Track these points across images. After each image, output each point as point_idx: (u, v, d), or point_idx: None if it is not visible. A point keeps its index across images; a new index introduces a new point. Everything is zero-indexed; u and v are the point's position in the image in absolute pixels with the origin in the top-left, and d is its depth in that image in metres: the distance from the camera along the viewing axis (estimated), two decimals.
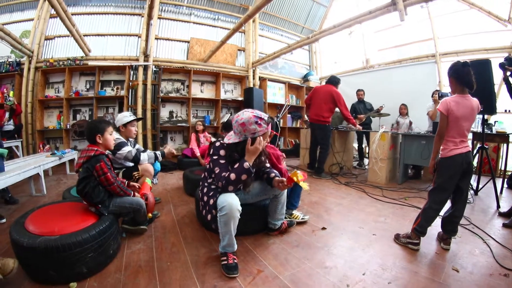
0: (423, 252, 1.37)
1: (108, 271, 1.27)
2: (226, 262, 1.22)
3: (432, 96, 3.23)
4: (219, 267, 1.24)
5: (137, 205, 1.49)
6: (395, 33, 5.01)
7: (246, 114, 1.24)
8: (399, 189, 2.62)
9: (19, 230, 1.26)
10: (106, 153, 1.43)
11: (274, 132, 1.79)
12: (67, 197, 2.04)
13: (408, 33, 4.78)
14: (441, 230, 1.48)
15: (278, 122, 4.18)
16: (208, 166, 1.42)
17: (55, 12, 4.36)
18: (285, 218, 1.66)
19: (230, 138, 1.30)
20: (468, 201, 1.79)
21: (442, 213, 1.44)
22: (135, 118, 1.98)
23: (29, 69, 4.41)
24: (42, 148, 4.15)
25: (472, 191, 2.36)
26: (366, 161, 4.07)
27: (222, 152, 1.31)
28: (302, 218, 1.75)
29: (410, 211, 1.98)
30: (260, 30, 5.45)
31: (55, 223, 1.29)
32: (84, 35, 4.24)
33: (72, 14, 3.90)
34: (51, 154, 3.49)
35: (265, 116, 1.26)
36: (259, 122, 1.22)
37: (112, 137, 1.50)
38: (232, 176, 1.19)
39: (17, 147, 3.91)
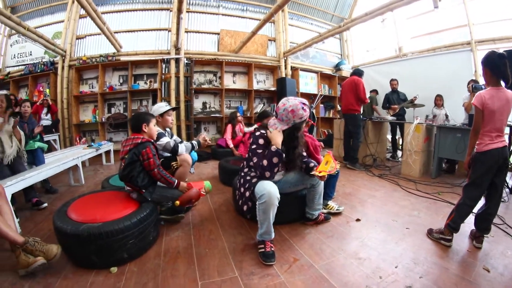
0: (455, 248, 1.50)
1: (147, 257, 1.52)
2: (263, 249, 1.43)
3: (467, 86, 3.50)
4: (256, 255, 1.46)
5: (178, 197, 1.76)
6: (428, 19, 5.35)
7: (292, 101, 1.51)
8: (433, 183, 2.85)
9: (62, 218, 1.53)
10: (152, 141, 1.72)
11: (312, 122, 2.16)
12: (106, 187, 2.41)
13: (441, 19, 5.11)
14: (474, 228, 1.60)
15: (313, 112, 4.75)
16: (247, 155, 1.67)
17: (84, 13, 5.38)
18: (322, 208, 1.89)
19: (276, 127, 1.53)
20: (502, 200, 1.90)
21: (475, 210, 1.57)
22: (171, 107, 2.27)
23: (63, 67, 5.36)
24: (78, 141, 5.00)
25: (507, 189, 2.45)
26: (399, 153, 4.45)
27: (261, 141, 1.53)
28: (337, 209, 1.99)
29: (443, 206, 2.15)
30: (290, 19, 6.15)
31: (96, 211, 1.55)
32: (114, 32, 5.10)
33: (102, 13, 4.70)
34: (87, 146, 4.27)
35: (306, 101, 1.54)
36: (304, 107, 1.51)
37: (155, 128, 1.84)
38: (265, 162, 1.43)
39: (54, 140, 4.76)
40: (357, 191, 2.58)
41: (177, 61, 5.20)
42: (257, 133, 1.56)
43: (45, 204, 2.43)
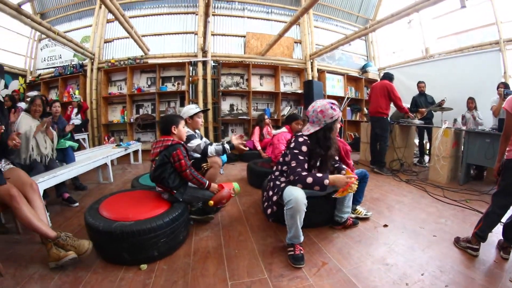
0: (481, 258, 1.52)
1: (177, 255, 1.62)
2: (293, 252, 1.50)
3: (497, 89, 3.49)
4: (285, 257, 1.54)
5: (209, 197, 1.89)
6: (454, 18, 5.42)
7: (320, 102, 1.62)
8: (461, 190, 2.89)
9: (94, 215, 1.64)
10: (182, 142, 1.83)
11: (340, 124, 2.36)
12: (136, 186, 2.57)
13: (468, 18, 5.13)
14: (502, 238, 1.60)
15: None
16: (281, 159, 1.75)
17: (111, 18, 5.90)
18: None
19: (309, 130, 1.63)
20: None
21: (504, 219, 1.57)
22: (201, 109, 2.39)
23: (92, 70, 5.84)
24: (107, 140, 5.42)
25: None
26: (426, 158, 4.53)
27: (304, 148, 1.58)
28: (365, 214, 2.07)
29: (471, 215, 2.19)
30: (315, 21, 6.44)
31: (129, 210, 1.65)
32: (142, 36, 5.51)
33: (129, 17, 5.08)
34: (116, 145, 4.62)
35: (335, 102, 1.64)
36: (333, 107, 1.59)
37: (184, 129, 1.95)
38: (309, 180, 1.47)
39: (84, 139, 5.15)
40: (385, 196, 2.68)
41: (204, 63, 5.57)
42: (301, 139, 1.61)
43: (77, 204, 2.64)
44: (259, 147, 4.65)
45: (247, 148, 2.37)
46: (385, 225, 1.95)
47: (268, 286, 1.31)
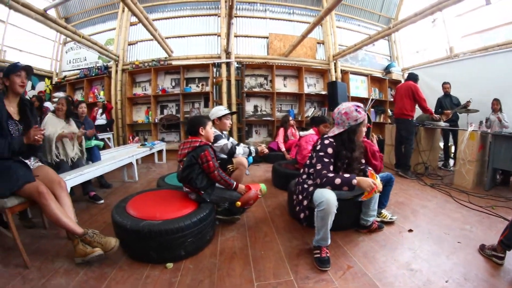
0: (506, 267, 1.52)
1: (203, 255, 1.68)
2: (319, 255, 1.54)
3: None
4: (311, 259, 1.58)
5: (236, 198, 1.95)
6: (478, 16, 5.39)
7: (345, 104, 1.69)
8: (486, 196, 2.89)
9: (121, 213, 1.71)
10: (210, 144, 1.90)
11: (368, 125, 2.30)
12: (161, 185, 2.68)
13: (493, 15, 5.09)
14: None
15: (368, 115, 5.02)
16: (308, 161, 1.82)
17: (134, 21, 6.20)
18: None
19: (334, 131, 1.70)
20: None
21: None
22: (230, 112, 2.48)
23: (116, 71, 6.18)
24: (131, 140, 5.70)
25: None
26: (451, 161, 4.56)
27: (329, 150, 1.64)
28: (390, 218, 2.12)
29: (497, 222, 2.19)
30: (337, 21, 6.60)
31: (156, 209, 1.73)
32: (165, 38, 5.78)
33: (153, 20, 5.31)
34: (141, 145, 4.86)
35: (361, 104, 1.69)
36: (358, 109, 1.64)
37: (212, 130, 2.02)
38: (337, 181, 1.51)
39: (109, 138, 5.44)
40: (410, 200, 2.73)
41: (228, 65, 5.81)
42: (326, 141, 1.67)
43: (102, 201, 2.81)
44: (283, 149, 4.81)
45: (267, 151, 2.52)
46: (410, 230, 1.99)
47: None
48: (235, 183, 1.94)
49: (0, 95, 1.79)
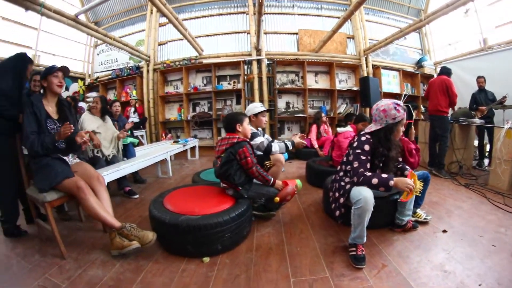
0: None
1: (240, 250, 1.74)
2: (355, 253, 1.56)
3: None
4: (346, 257, 1.62)
5: (273, 194, 2.00)
6: None
7: (384, 101, 1.69)
8: None
9: (159, 208, 1.79)
10: (247, 140, 1.97)
11: (408, 120, 2.21)
12: (197, 181, 2.79)
13: None
14: None
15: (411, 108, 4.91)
16: (345, 158, 1.85)
17: (163, 22, 6.52)
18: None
19: (371, 128, 1.72)
20: None
21: None
22: (266, 109, 2.53)
23: (148, 71, 6.51)
24: (164, 137, 5.93)
25: None
26: (486, 161, 4.45)
27: (366, 147, 1.65)
28: (425, 218, 2.12)
29: None
30: (365, 14, 6.64)
31: (194, 204, 1.80)
32: (195, 37, 5.92)
33: (182, 20, 5.58)
34: (174, 142, 5.02)
35: (401, 103, 1.68)
36: (397, 108, 1.63)
37: (249, 127, 2.08)
38: (374, 180, 1.54)
39: (142, 136, 5.83)
40: (444, 200, 2.72)
41: (259, 62, 6.01)
42: (363, 138, 1.69)
43: (137, 196, 2.95)
44: (316, 145, 4.91)
45: (305, 143, 2.53)
46: (444, 231, 1.99)
47: (330, 285, 1.39)
48: (272, 179, 1.98)
49: (38, 96, 1.91)
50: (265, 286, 1.39)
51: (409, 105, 4.79)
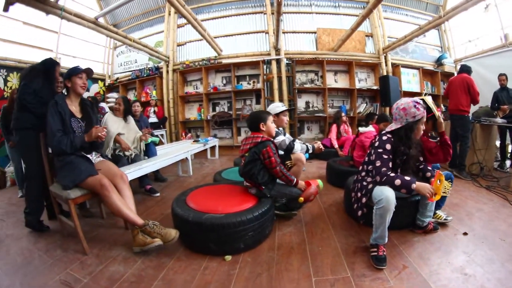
0: None
1: (262, 249, 1.76)
2: (376, 253, 1.57)
3: None
4: (367, 257, 1.62)
5: (296, 194, 2.03)
6: None
7: (404, 100, 1.72)
8: None
9: (182, 206, 1.82)
10: (271, 139, 1.99)
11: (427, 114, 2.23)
12: (219, 180, 2.81)
13: None
14: None
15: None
16: (366, 158, 1.86)
17: (181, 23, 6.68)
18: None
19: (391, 127, 1.74)
20: None
21: None
22: (287, 108, 2.57)
23: (167, 71, 6.65)
24: (184, 136, 6.06)
25: None
26: (508, 162, 4.35)
27: (388, 146, 1.66)
28: (445, 219, 2.09)
29: None
30: (384, 12, 6.63)
31: (217, 203, 1.83)
32: (214, 37, 6.02)
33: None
34: (194, 141, 5.12)
35: (420, 101, 1.70)
36: (417, 106, 1.65)
37: (273, 125, 2.07)
38: (397, 182, 1.55)
39: (162, 135, 5.95)
40: (464, 202, 2.69)
41: (278, 61, 6.05)
42: (385, 138, 1.70)
43: (158, 194, 3.03)
44: (336, 145, 4.95)
45: (323, 148, 2.56)
46: (465, 233, 1.97)
47: (351, 285, 1.40)
48: (295, 179, 2.02)
49: (62, 95, 1.98)
50: (286, 285, 1.41)
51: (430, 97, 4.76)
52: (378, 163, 1.65)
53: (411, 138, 1.70)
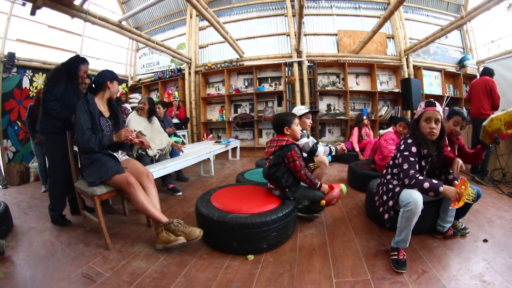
0: None
1: (283, 250, 1.79)
2: (396, 257, 1.58)
3: None
4: (388, 260, 1.64)
5: (319, 197, 2.04)
6: None
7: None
8: None
9: (206, 205, 1.88)
10: (296, 143, 2.01)
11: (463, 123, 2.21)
12: (241, 181, 2.88)
13: None
14: None
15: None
16: (391, 161, 1.88)
17: (203, 25, 6.91)
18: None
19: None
20: None
21: None
22: (310, 111, 2.61)
23: (189, 73, 6.87)
24: (206, 137, 6.26)
25: None
26: None
27: (413, 149, 1.70)
28: (461, 229, 2.05)
29: None
30: (404, 13, 6.62)
31: (242, 203, 1.88)
32: (236, 40, 6.16)
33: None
34: (216, 142, 5.27)
35: (432, 100, 1.78)
36: (421, 104, 1.76)
37: (298, 128, 2.09)
38: (426, 185, 1.57)
39: (184, 136, 6.13)
40: (485, 209, 2.66)
41: (300, 64, 6.17)
42: (410, 140, 1.75)
43: (180, 193, 3.11)
44: (357, 149, 4.94)
45: (346, 149, 2.61)
46: (485, 240, 1.96)
47: (371, 287, 1.42)
48: (319, 182, 2.04)
49: (92, 95, 2.02)
50: (308, 286, 1.44)
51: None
52: (405, 166, 1.68)
53: (416, 133, 1.77)
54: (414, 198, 1.56)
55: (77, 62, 2.34)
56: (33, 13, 3.08)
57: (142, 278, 1.50)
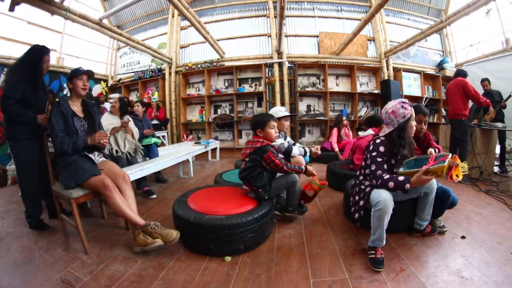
0: None
1: (261, 250, 1.81)
2: (374, 256, 1.62)
3: None
4: (365, 260, 1.67)
5: (292, 180, 2.09)
6: None
7: (391, 103, 1.77)
8: None
9: (183, 207, 1.87)
10: (271, 144, 2.05)
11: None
12: (219, 182, 2.88)
13: None
14: None
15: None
16: (363, 163, 1.92)
17: (185, 25, 6.82)
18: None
19: (384, 131, 1.81)
20: None
21: None
22: (289, 114, 2.62)
23: (170, 73, 6.81)
24: (185, 138, 6.19)
25: None
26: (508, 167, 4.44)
27: (381, 149, 1.73)
28: (439, 227, 2.08)
29: None
30: (386, 16, 6.76)
31: (219, 205, 1.89)
32: (217, 40, 6.14)
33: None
34: (196, 143, 5.22)
35: (406, 100, 1.78)
36: (404, 105, 1.71)
37: (273, 130, 2.08)
38: (391, 184, 1.59)
39: (163, 136, 6.10)
40: (463, 206, 2.72)
41: (280, 65, 6.18)
42: (378, 141, 1.78)
43: (154, 196, 3.07)
44: (337, 149, 5.03)
45: (320, 153, 2.64)
46: (463, 237, 2.02)
47: (348, 286, 1.44)
48: (304, 167, 2.11)
49: (65, 96, 2.17)
50: (285, 286, 1.46)
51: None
52: (373, 167, 1.72)
53: (405, 138, 1.76)
54: (383, 197, 1.60)
55: (40, 53, 2.18)
56: (11, 9, 2.97)
57: (120, 282, 1.50)
